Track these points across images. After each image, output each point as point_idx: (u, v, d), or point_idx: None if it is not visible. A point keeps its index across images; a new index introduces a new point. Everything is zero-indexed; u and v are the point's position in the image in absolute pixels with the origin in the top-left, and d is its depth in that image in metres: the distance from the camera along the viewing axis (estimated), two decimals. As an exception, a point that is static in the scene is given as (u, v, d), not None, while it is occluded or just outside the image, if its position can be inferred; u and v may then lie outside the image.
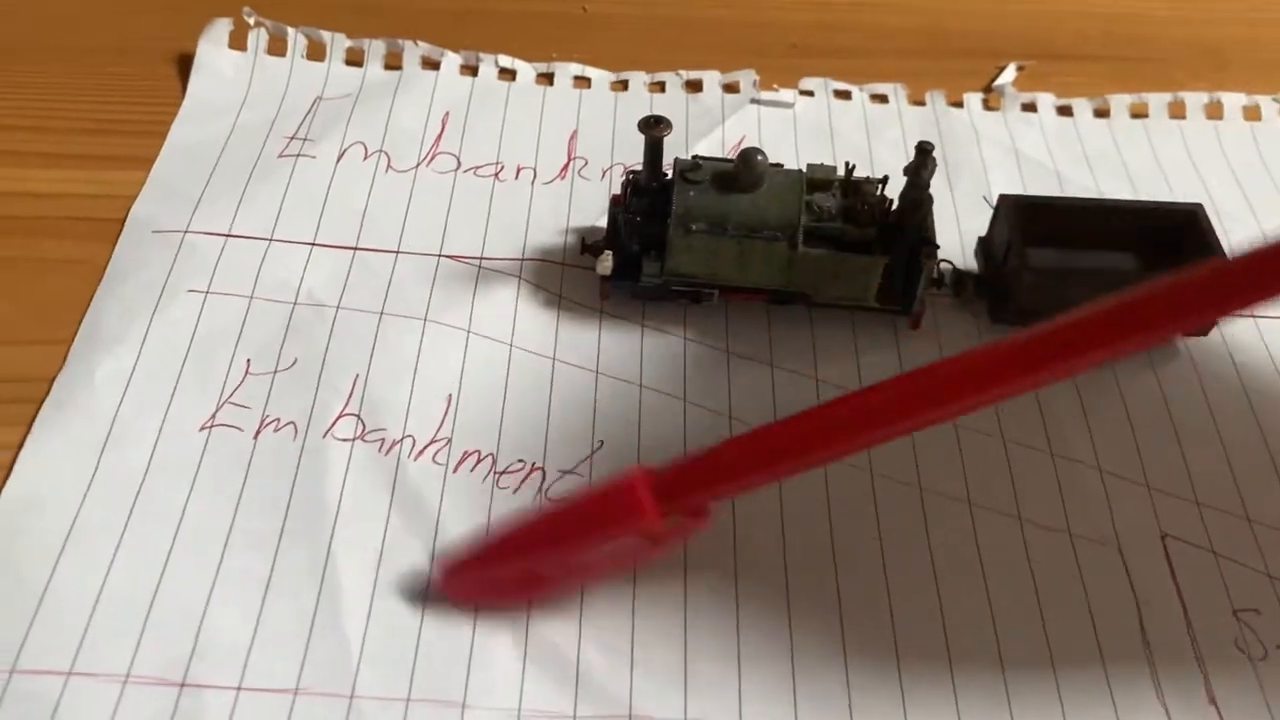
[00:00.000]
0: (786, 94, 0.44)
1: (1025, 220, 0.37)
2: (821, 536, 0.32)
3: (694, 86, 0.45)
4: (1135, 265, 0.37)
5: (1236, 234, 0.41)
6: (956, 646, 0.30)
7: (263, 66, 0.44)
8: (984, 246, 0.38)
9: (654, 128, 0.35)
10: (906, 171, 0.35)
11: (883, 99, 0.45)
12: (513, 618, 0.30)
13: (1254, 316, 0.38)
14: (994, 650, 0.30)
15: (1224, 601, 0.31)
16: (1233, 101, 0.45)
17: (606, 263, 0.36)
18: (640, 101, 0.44)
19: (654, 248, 0.36)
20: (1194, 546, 0.32)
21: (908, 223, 0.35)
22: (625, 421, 0.34)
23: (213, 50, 0.44)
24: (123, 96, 0.43)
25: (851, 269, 0.35)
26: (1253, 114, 0.45)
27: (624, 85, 0.45)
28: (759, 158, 0.35)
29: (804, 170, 0.36)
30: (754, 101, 0.44)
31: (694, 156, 0.37)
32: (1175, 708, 0.29)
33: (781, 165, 0.37)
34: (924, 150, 0.35)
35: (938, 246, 0.35)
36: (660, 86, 0.45)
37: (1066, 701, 0.29)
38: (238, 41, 0.45)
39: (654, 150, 0.35)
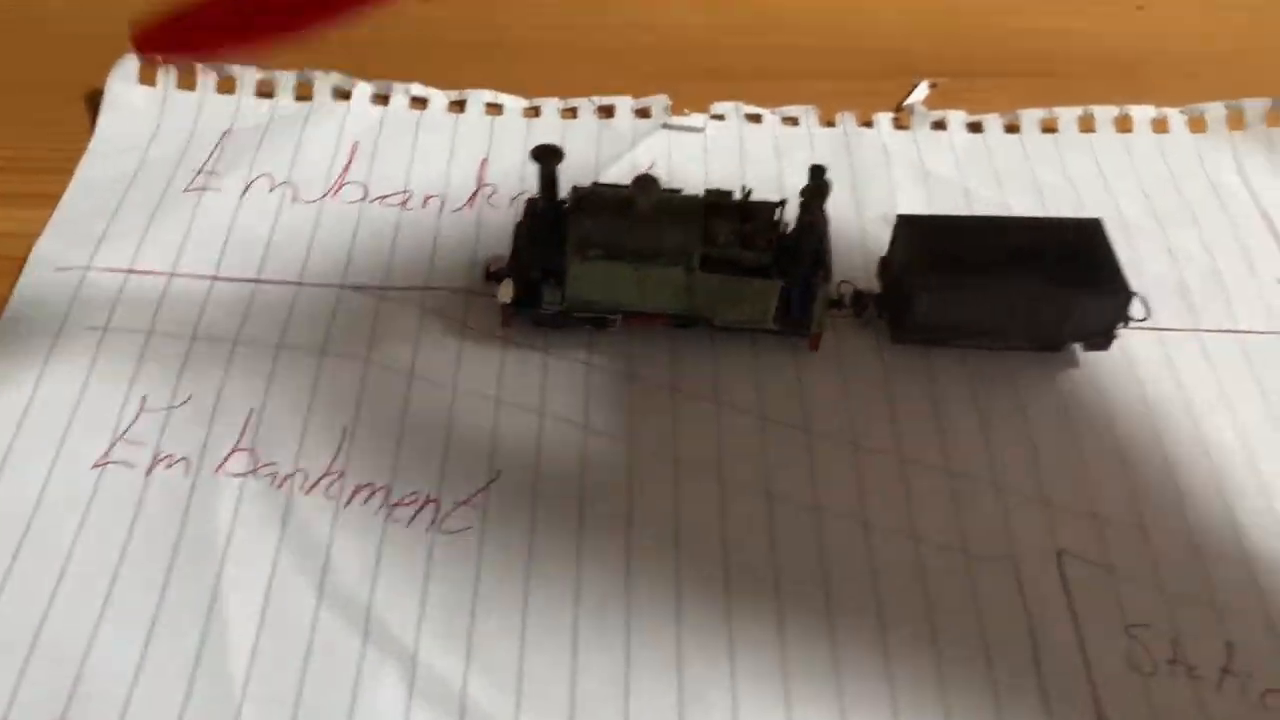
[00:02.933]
0: (697, 118, 0.45)
1: (922, 240, 0.37)
2: (715, 566, 0.32)
3: (606, 112, 0.45)
4: (1035, 280, 0.37)
5: (1143, 245, 0.41)
6: (846, 664, 0.30)
7: (173, 101, 0.44)
8: (884, 266, 0.38)
9: (546, 157, 0.35)
10: (801, 195, 0.35)
11: (794, 121, 0.45)
12: (399, 653, 0.29)
13: (1155, 329, 0.38)
14: (882, 667, 0.30)
15: (1117, 617, 0.31)
16: (1141, 115, 0.46)
17: (507, 290, 0.36)
18: (552, 128, 0.45)
19: (554, 275, 0.36)
20: (1089, 563, 0.33)
21: (802, 246, 0.35)
22: (524, 450, 0.34)
23: (122, 86, 0.44)
24: (31, 133, 0.43)
25: (749, 293, 0.35)
26: (1161, 126, 0.46)
27: (536, 112, 0.45)
28: (654, 184, 0.35)
29: (701, 196, 0.36)
30: (665, 126, 0.44)
31: (593, 184, 0.37)
32: (1064, 726, 0.29)
33: (680, 191, 0.37)
34: (817, 174, 0.35)
35: (830, 271, 0.35)
36: (573, 113, 0.45)
37: (954, 716, 0.29)
38: (148, 77, 0.45)
39: (548, 179, 0.35)
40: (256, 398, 0.35)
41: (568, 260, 0.35)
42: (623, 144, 0.44)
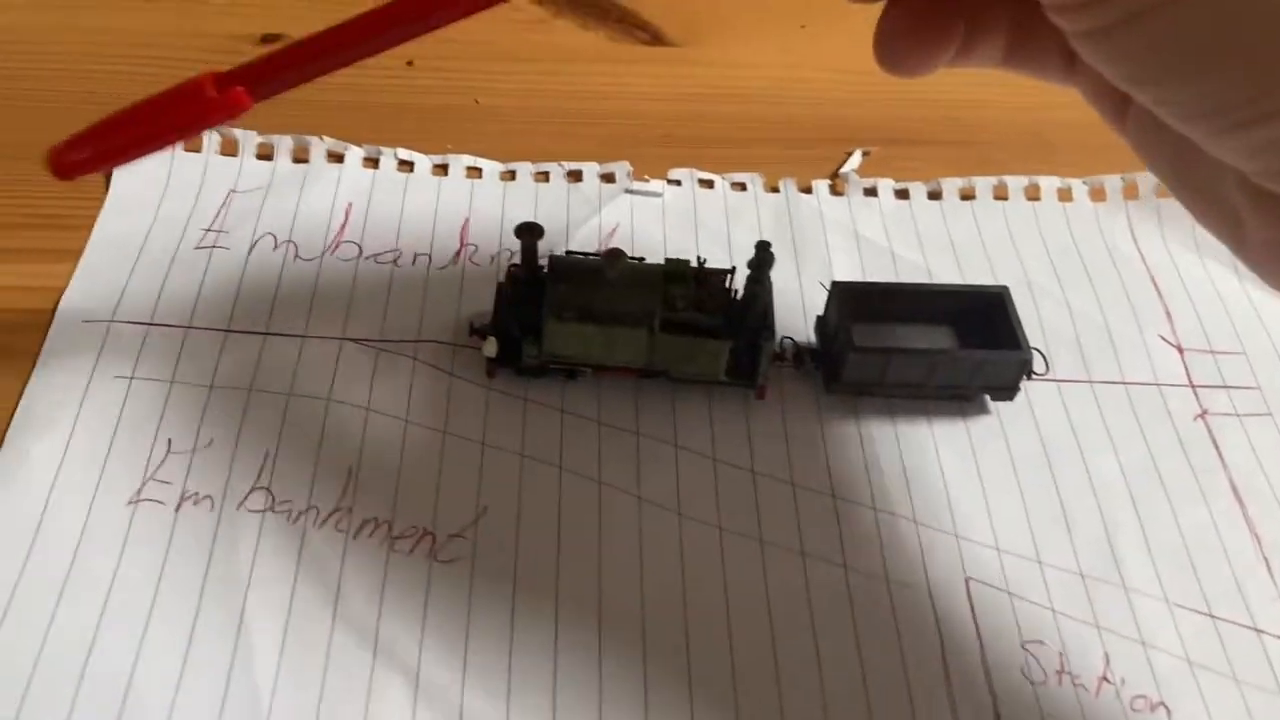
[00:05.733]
0: (656, 184, 0.50)
1: (853, 303, 0.42)
2: (674, 588, 0.37)
3: (575, 176, 0.50)
4: (950, 340, 0.43)
5: (1046, 304, 0.47)
6: (786, 675, 0.35)
7: (180, 162, 0.48)
8: (821, 325, 0.44)
9: (528, 234, 0.40)
10: (749, 266, 0.41)
11: (742, 187, 0.51)
12: (404, 668, 0.34)
13: (1054, 380, 0.44)
14: (816, 678, 0.35)
15: (1014, 634, 0.37)
16: (1049, 184, 0.52)
17: (491, 346, 0.41)
18: (526, 191, 0.49)
19: (533, 332, 0.41)
20: (992, 588, 0.38)
21: (750, 311, 0.40)
22: (507, 487, 0.39)
23: (134, 147, 0.48)
24: (51, 192, 0.46)
25: (702, 351, 0.41)
26: (1065, 196, 0.52)
27: (512, 175, 0.50)
28: (622, 255, 0.40)
29: (662, 264, 0.42)
30: (628, 191, 0.50)
31: (567, 252, 0.42)
32: (967, 727, 0.35)
33: (644, 259, 0.42)
34: (762, 248, 0.40)
35: (774, 332, 0.41)
36: (545, 176, 0.50)
37: (876, 722, 0.35)
38: (157, 139, 0.49)
39: (529, 251, 0.40)
40: (271, 441, 0.39)
41: (545, 320, 0.40)
42: (590, 207, 0.49)
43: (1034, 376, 0.43)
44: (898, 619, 0.37)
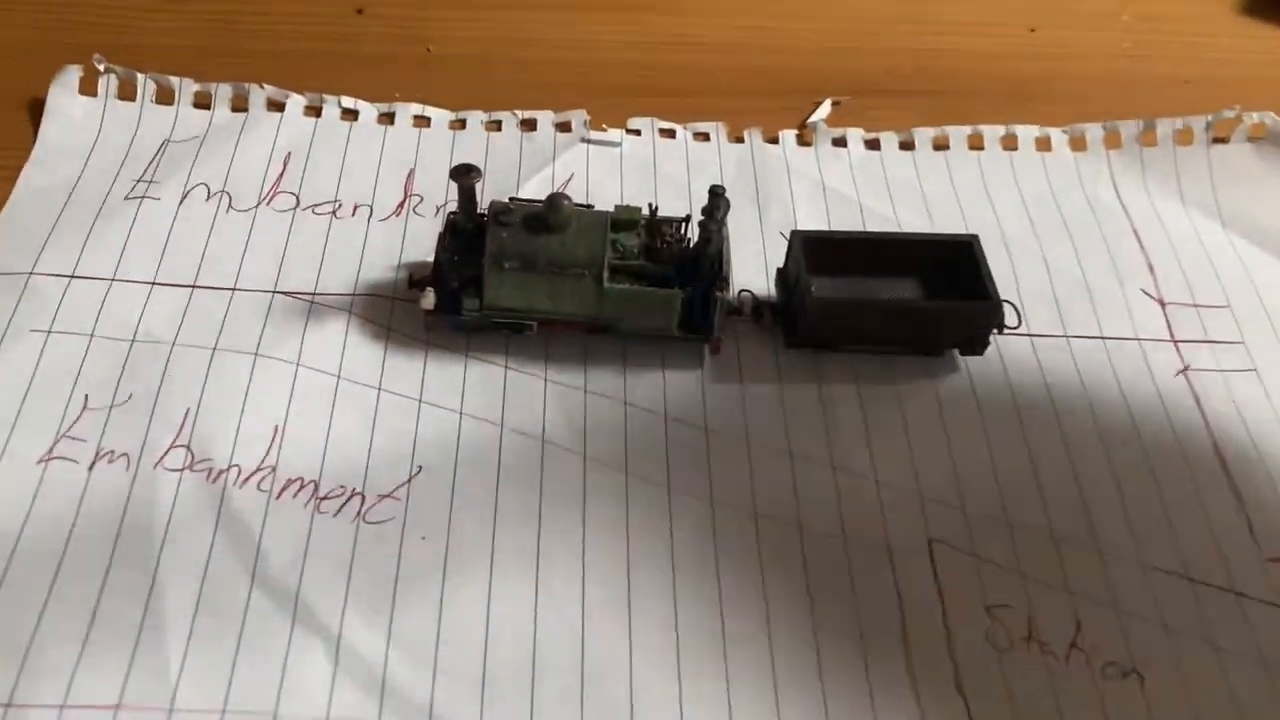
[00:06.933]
0: (614, 133, 0.47)
1: (814, 253, 0.40)
2: (618, 549, 0.35)
3: (529, 125, 0.48)
4: (916, 291, 0.40)
5: (1022, 258, 0.44)
6: (732, 637, 0.33)
7: (113, 111, 0.46)
8: (781, 277, 0.41)
9: (465, 175, 0.38)
10: (703, 212, 0.38)
11: (705, 137, 0.48)
12: (325, 633, 0.32)
13: (1028, 335, 0.42)
14: (765, 640, 0.33)
15: (979, 598, 0.35)
16: (1026, 134, 0.49)
17: (429, 298, 0.39)
18: (477, 140, 0.47)
19: (473, 284, 0.38)
20: (957, 550, 0.36)
21: (701, 259, 0.38)
22: (444, 447, 0.37)
23: (63, 96, 0.46)
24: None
25: (653, 301, 0.38)
26: (1044, 145, 0.49)
27: (462, 124, 0.48)
28: (564, 201, 0.38)
29: (610, 211, 0.39)
30: (584, 140, 0.47)
31: (509, 199, 0.40)
32: (925, 695, 0.33)
33: (592, 206, 0.40)
34: (715, 194, 0.38)
35: (728, 282, 0.38)
36: (497, 125, 0.48)
37: (828, 689, 0.32)
38: (88, 87, 0.47)
39: (467, 195, 0.38)
40: (193, 397, 0.37)
41: (485, 271, 0.38)
42: (544, 157, 0.47)
43: (1006, 331, 0.40)
44: (854, 582, 0.35)
